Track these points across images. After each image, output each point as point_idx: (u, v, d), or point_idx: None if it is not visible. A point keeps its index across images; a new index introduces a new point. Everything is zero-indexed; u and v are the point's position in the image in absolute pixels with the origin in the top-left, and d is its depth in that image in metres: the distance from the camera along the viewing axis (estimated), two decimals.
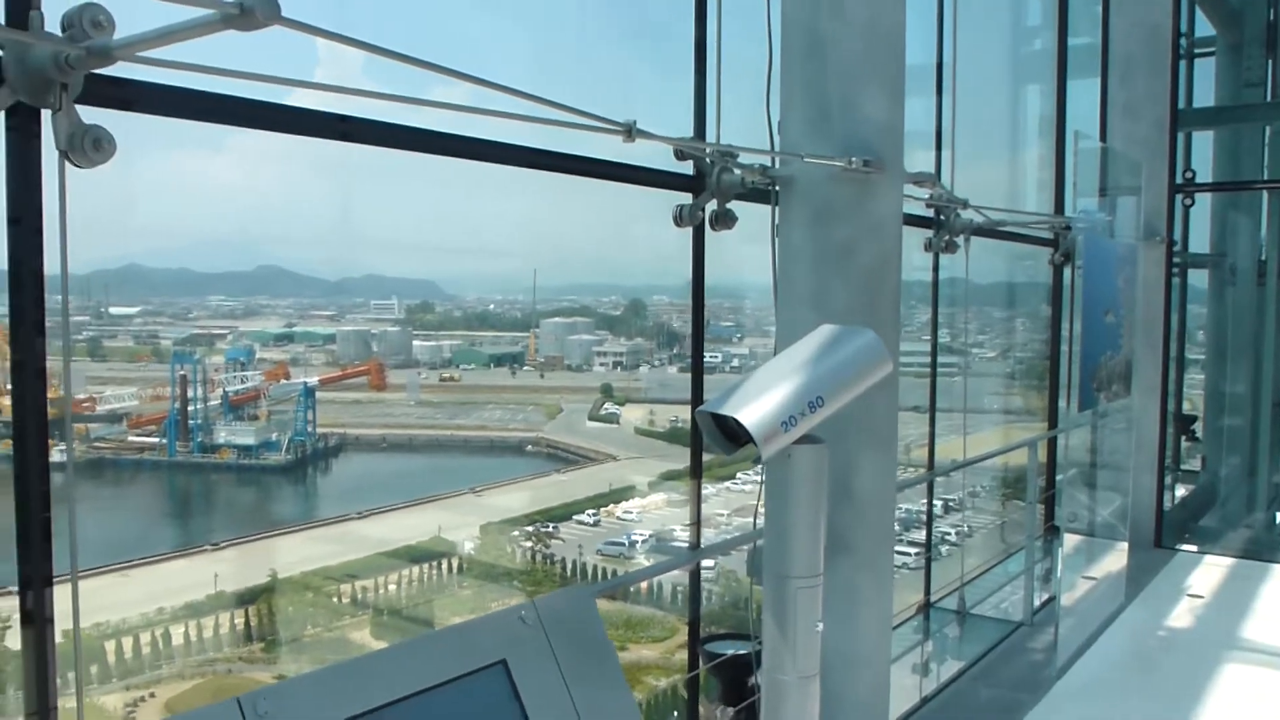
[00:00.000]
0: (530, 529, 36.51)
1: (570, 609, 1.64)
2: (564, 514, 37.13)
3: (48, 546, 2.09)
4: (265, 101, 2.57)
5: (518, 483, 40.45)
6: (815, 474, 2.25)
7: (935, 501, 7.43)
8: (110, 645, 27.77)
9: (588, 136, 3.21)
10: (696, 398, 3.77)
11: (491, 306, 51.44)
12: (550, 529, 36.55)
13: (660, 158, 3.87)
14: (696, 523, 3.97)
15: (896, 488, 3.63)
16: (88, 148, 1.99)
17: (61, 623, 2.20)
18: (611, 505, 37.66)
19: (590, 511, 37.17)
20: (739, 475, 30.17)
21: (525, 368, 47.32)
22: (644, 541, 34.96)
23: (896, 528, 3.61)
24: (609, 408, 44.67)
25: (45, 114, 1.99)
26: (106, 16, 1.98)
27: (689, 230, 3.96)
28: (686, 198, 3.85)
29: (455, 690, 1.39)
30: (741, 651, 3.58)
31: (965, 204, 5.67)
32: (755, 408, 2.13)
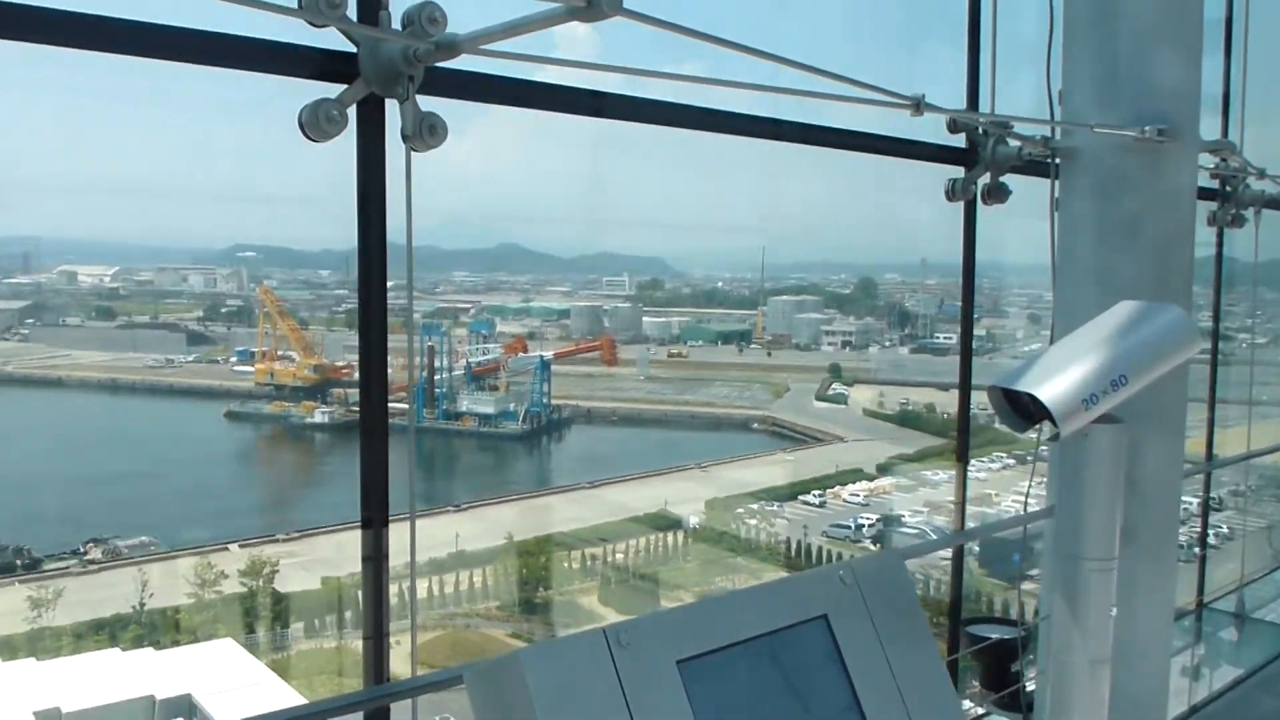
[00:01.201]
0: (755, 506, 36.67)
1: (883, 571, 1.72)
2: (789, 493, 37.05)
3: (385, 493, 2.35)
4: (527, 80, 2.67)
5: (743, 460, 40.69)
6: (1114, 455, 2.19)
7: (1194, 500, 6.91)
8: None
9: (804, 107, 3.11)
10: (965, 378, 3.70)
11: (720, 284, 51.83)
12: (775, 507, 36.58)
13: (916, 129, 3.72)
14: (961, 504, 3.92)
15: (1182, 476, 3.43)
16: (425, 134, 2.19)
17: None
18: (838, 487, 37.25)
19: (816, 492, 36.91)
20: (973, 462, 29.13)
21: (752, 345, 47.44)
22: (871, 526, 34.36)
23: None
24: (837, 388, 44.12)
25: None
26: (441, 13, 2.16)
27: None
28: (952, 171, 3.75)
29: (785, 638, 1.53)
30: (1008, 636, 3.51)
31: (1263, 173, 5.22)
32: (1055, 384, 2.08)
